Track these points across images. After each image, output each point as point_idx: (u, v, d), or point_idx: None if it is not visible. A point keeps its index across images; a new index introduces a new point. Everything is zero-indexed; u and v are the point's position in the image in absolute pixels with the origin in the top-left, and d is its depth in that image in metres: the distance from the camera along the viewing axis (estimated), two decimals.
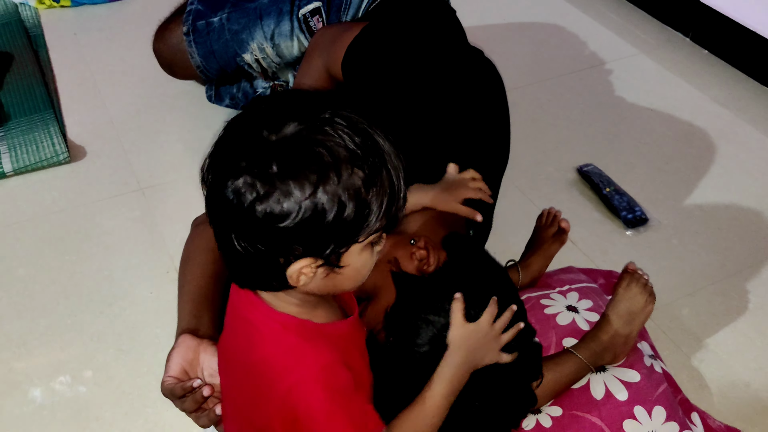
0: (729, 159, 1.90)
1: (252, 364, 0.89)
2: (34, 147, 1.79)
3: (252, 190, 0.76)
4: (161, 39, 1.83)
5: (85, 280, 1.52)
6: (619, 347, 1.20)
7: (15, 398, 1.31)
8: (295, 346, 0.86)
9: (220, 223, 0.83)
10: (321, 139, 0.77)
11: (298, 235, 0.78)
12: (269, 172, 0.76)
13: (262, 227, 0.78)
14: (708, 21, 2.27)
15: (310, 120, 0.78)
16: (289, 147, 0.76)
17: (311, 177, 0.75)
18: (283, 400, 0.85)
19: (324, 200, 0.76)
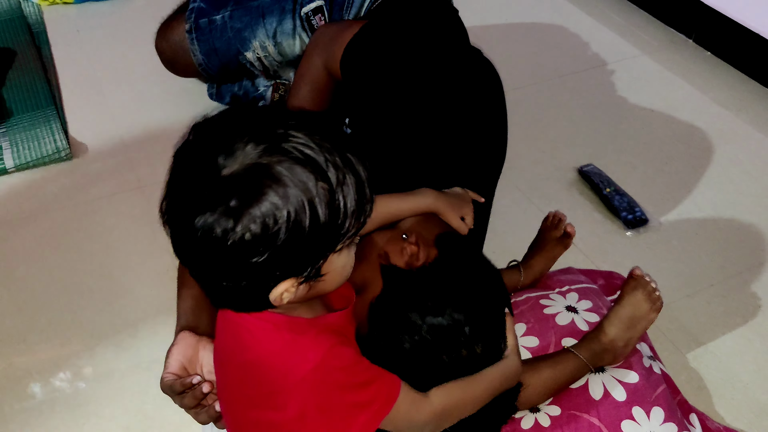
0: (729, 160, 1.90)
1: (248, 366, 0.89)
2: (35, 143, 1.79)
3: (219, 228, 0.74)
4: (163, 36, 1.84)
5: (86, 277, 1.52)
6: (618, 350, 1.20)
7: (15, 393, 1.32)
8: (291, 342, 0.85)
9: (194, 265, 0.81)
10: (279, 159, 0.74)
11: (275, 262, 0.76)
12: (232, 207, 0.73)
13: (237, 263, 0.76)
14: (711, 23, 2.27)
15: (265, 140, 0.75)
16: (248, 175, 0.73)
17: (277, 202, 0.73)
18: (293, 396, 0.85)
19: (297, 221, 0.74)
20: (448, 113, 1.32)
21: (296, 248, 0.76)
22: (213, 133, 0.78)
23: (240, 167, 0.74)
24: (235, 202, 0.73)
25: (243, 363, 0.90)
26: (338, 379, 0.85)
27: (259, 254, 0.75)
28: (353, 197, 0.78)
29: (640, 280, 1.24)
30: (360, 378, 0.87)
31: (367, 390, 0.87)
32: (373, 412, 0.88)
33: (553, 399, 1.19)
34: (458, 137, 1.33)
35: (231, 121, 0.79)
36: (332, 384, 0.85)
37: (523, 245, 1.59)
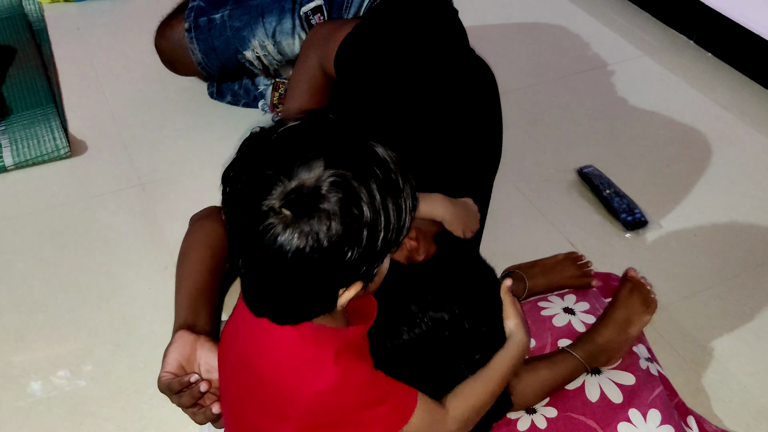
0: (730, 162, 1.90)
1: (265, 373, 0.88)
2: (35, 141, 1.79)
3: (306, 237, 0.76)
4: (163, 35, 1.83)
5: (84, 275, 1.52)
6: (613, 350, 1.21)
7: (12, 392, 1.31)
8: (312, 354, 0.85)
9: (265, 274, 0.81)
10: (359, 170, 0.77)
11: (363, 259, 0.79)
12: (320, 217, 0.75)
13: (320, 270, 0.78)
14: (712, 24, 2.27)
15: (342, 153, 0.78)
16: (331, 187, 0.76)
17: (363, 208, 0.76)
18: (308, 409, 0.85)
19: (378, 226, 0.78)
20: (441, 111, 1.32)
21: (377, 247, 0.79)
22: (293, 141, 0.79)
23: (321, 184, 0.76)
24: (327, 203, 0.76)
25: (259, 369, 0.89)
26: (354, 395, 0.86)
27: (352, 253, 0.77)
28: (411, 198, 0.82)
29: (634, 282, 1.24)
30: (375, 393, 0.88)
31: (383, 405, 0.88)
32: (389, 423, 0.88)
33: (549, 400, 1.19)
34: (452, 135, 1.33)
35: (314, 130, 0.81)
36: (348, 400, 0.86)
37: (522, 246, 1.59)
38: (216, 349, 1.13)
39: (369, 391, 0.87)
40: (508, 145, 1.45)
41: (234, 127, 1.91)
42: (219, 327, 1.23)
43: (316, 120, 0.82)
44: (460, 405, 0.96)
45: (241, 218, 0.78)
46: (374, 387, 0.88)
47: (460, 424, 0.96)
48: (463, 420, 0.97)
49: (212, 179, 1.74)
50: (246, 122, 1.91)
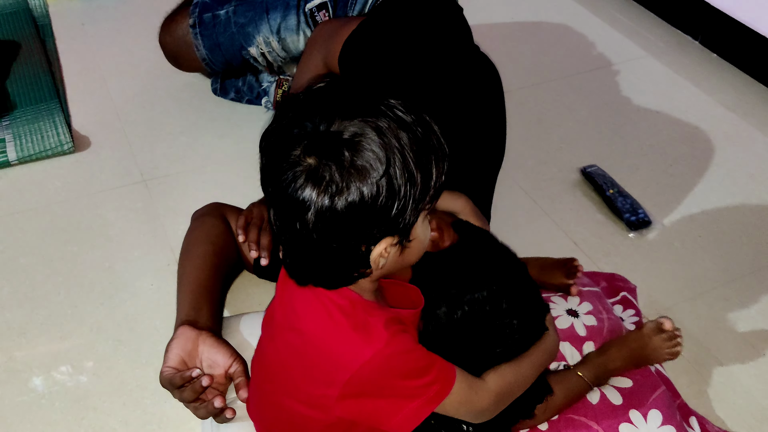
0: (734, 163, 1.89)
1: (313, 340, 0.89)
2: (38, 136, 1.79)
3: (329, 185, 0.77)
4: (167, 31, 1.83)
5: (87, 271, 1.52)
6: (620, 372, 1.23)
7: (14, 387, 1.31)
8: (360, 324, 0.87)
9: (295, 231, 0.82)
10: (381, 119, 0.79)
11: (379, 217, 0.80)
12: (342, 163, 0.77)
13: (346, 220, 0.79)
14: (718, 25, 2.26)
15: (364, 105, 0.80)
16: (351, 133, 0.78)
17: (381, 156, 0.78)
18: (355, 375, 0.86)
19: (397, 174, 0.79)
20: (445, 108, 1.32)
21: (398, 201, 0.80)
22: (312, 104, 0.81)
23: (342, 130, 0.78)
24: (347, 156, 0.77)
25: (309, 333, 0.90)
26: (399, 363, 0.87)
27: (369, 206, 0.79)
28: (440, 154, 0.84)
29: (670, 332, 1.23)
30: (420, 363, 0.89)
31: (426, 375, 0.89)
32: (430, 395, 0.90)
33: None
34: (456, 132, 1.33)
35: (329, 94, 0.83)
36: (394, 367, 0.87)
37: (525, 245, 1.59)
38: (218, 345, 1.13)
39: (414, 362, 0.89)
40: (512, 144, 1.45)
41: (237, 123, 1.91)
42: (221, 323, 1.23)
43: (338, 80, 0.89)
44: (498, 380, 0.98)
45: (271, 171, 0.81)
46: (419, 358, 0.89)
47: (496, 398, 0.98)
48: (498, 395, 0.98)
49: (215, 176, 1.75)
50: (249, 119, 1.91)
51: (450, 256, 1.07)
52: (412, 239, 0.85)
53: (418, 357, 0.89)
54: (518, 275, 1.06)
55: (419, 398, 0.89)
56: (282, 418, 1.00)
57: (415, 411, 0.89)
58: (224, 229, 1.32)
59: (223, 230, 1.32)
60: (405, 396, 0.89)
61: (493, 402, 0.97)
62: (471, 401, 0.94)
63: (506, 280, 1.02)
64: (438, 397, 0.90)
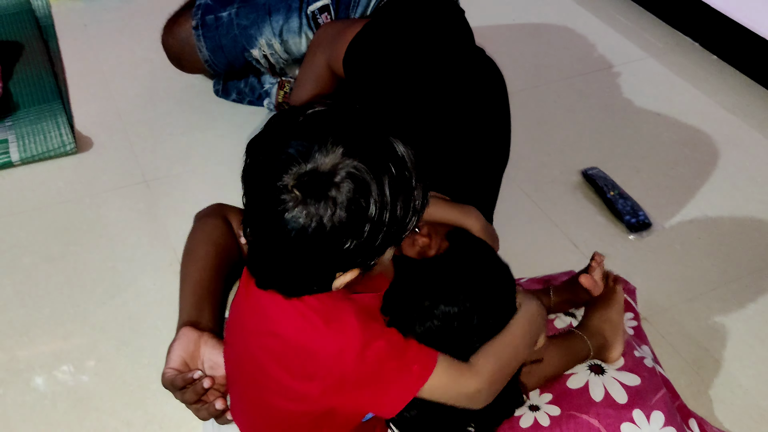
0: (734, 165, 1.90)
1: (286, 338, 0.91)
2: (41, 137, 1.80)
3: (313, 219, 0.79)
4: (170, 32, 1.84)
5: (89, 271, 1.53)
6: (606, 331, 1.25)
7: (17, 386, 1.32)
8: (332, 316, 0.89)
9: (270, 246, 0.85)
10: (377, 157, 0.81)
11: (355, 254, 0.83)
12: (329, 203, 0.79)
13: (322, 252, 0.82)
14: (718, 26, 2.27)
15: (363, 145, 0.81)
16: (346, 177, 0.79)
17: (371, 201, 0.80)
18: (334, 366, 0.88)
19: (380, 221, 0.81)
20: (450, 111, 1.32)
21: (381, 238, 0.83)
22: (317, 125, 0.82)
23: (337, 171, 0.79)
24: (337, 192, 0.79)
25: (284, 333, 0.91)
26: (377, 350, 0.89)
27: (356, 240, 0.81)
28: (422, 198, 0.86)
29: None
30: (396, 346, 0.91)
31: (404, 356, 0.91)
32: (413, 376, 0.91)
33: (553, 398, 1.20)
34: (462, 135, 1.34)
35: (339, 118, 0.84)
36: (369, 356, 0.88)
37: (525, 247, 1.60)
38: (220, 346, 1.13)
39: (390, 345, 0.90)
40: (513, 145, 1.45)
41: (239, 125, 1.91)
42: (223, 324, 1.24)
43: (342, 108, 0.86)
44: (483, 361, 0.97)
45: (256, 191, 0.84)
46: (394, 342, 0.91)
47: (487, 379, 0.97)
48: (487, 374, 0.97)
49: (217, 177, 1.76)
50: (251, 120, 1.92)
51: (432, 267, 1.07)
52: (375, 264, 0.89)
53: (393, 340, 0.91)
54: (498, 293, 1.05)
55: (401, 379, 0.90)
56: (271, 417, 1.01)
57: (400, 393, 0.91)
58: (227, 230, 1.33)
59: (226, 231, 1.32)
60: (387, 380, 0.90)
61: (485, 382, 0.97)
62: (459, 383, 0.95)
63: (482, 296, 1.02)
64: (421, 376, 0.91)
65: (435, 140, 1.31)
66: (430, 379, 0.91)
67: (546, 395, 1.20)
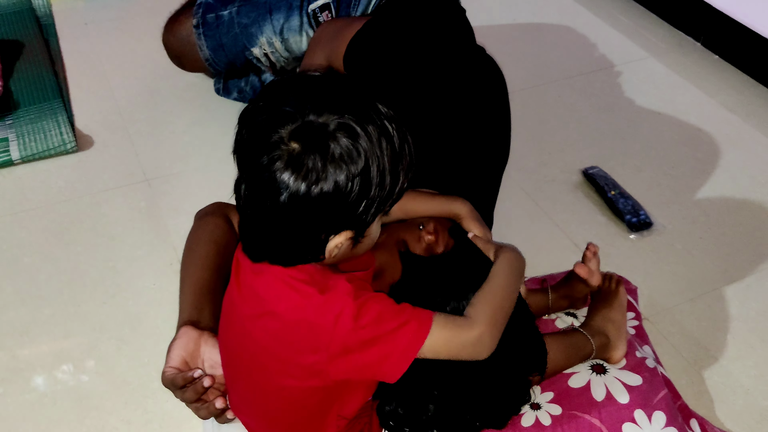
0: (736, 165, 1.90)
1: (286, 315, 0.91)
2: (42, 135, 1.80)
3: (309, 172, 0.81)
4: (171, 31, 1.84)
5: (90, 270, 1.53)
6: (608, 329, 1.25)
7: (17, 385, 1.32)
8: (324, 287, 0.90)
9: (263, 208, 0.85)
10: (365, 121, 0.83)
11: (346, 210, 0.84)
12: (325, 154, 0.81)
13: (316, 207, 0.83)
14: (719, 26, 2.26)
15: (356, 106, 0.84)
16: (337, 129, 0.81)
17: (361, 155, 0.82)
18: (335, 334, 0.89)
19: (373, 174, 0.83)
20: (451, 109, 1.32)
21: (368, 199, 0.85)
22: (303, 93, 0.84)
23: (330, 123, 0.82)
24: (333, 149, 0.81)
25: (282, 312, 0.92)
26: (370, 311, 0.90)
27: (340, 198, 0.83)
28: (407, 162, 0.88)
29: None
30: (390, 307, 0.92)
31: (401, 315, 0.92)
32: (412, 331, 0.91)
33: (554, 397, 1.20)
34: (462, 133, 1.34)
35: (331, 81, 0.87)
36: (366, 317, 0.89)
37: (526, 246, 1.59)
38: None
39: (384, 304, 0.91)
40: (513, 145, 1.45)
41: None
42: None
43: (333, 74, 0.90)
44: (476, 308, 0.97)
45: (250, 150, 0.84)
46: (387, 303, 0.92)
47: (484, 323, 0.96)
48: (485, 319, 0.96)
49: (218, 175, 1.76)
50: None
51: (442, 263, 1.08)
52: (365, 236, 0.90)
53: (385, 302, 0.92)
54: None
55: (401, 339, 0.91)
56: (281, 400, 1.01)
57: (402, 353, 0.91)
58: (227, 229, 1.32)
59: (227, 230, 1.32)
60: (387, 341, 0.90)
61: (486, 326, 0.96)
62: (460, 334, 0.94)
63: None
64: (419, 334, 0.91)
65: (435, 139, 1.31)
66: (431, 335, 0.92)
67: (547, 394, 1.20)
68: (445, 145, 1.32)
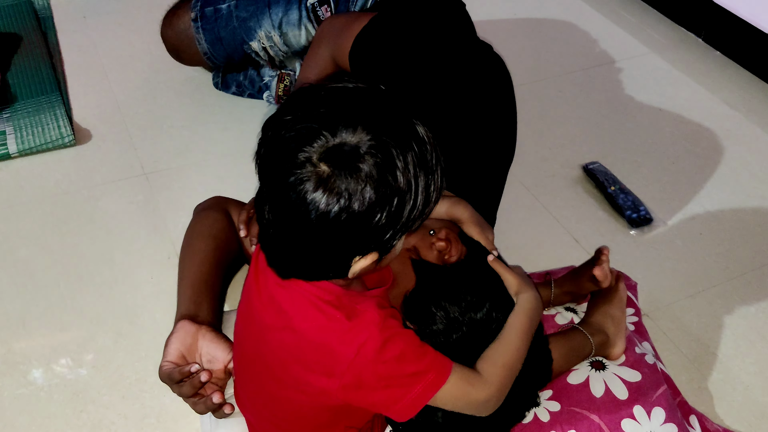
0: (736, 161, 1.89)
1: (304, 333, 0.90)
2: (39, 129, 1.79)
3: (338, 196, 0.77)
4: (169, 24, 1.83)
5: (87, 263, 1.52)
6: (608, 327, 1.25)
7: (13, 379, 1.31)
8: (351, 314, 0.88)
9: (288, 228, 0.82)
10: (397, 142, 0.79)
11: (377, 234, 0.81)
12: (357, 177, 0.77)
13: (345, 230, 0.79)
14: (721, 22, 2.26)
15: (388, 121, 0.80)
16: (371, 150, 0.77)
17: (395, 177, 0.78)
18: (352, 365, 0.87)
19: (406, 199, 0.80)
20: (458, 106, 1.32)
21: (400, 221, 0.82)
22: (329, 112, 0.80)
23: (362, 145, 0.78)
24: (366, 171, 0.77)
25: (303, 329, 0.90)
26: (394, 348, 0.88)
27: (376, 220, 0.79)
28: (440, 183, 0.85)
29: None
30: (414, 348, 0.90)
31: (422, 360, 0.90)
32: (428, 382, 0.90)
33: (553, 394, 1.19)
34: (468, 130, 1.33)
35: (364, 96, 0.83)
36: (389, 353, 0.88)
37: (526, 241, 1.59)
38: (217, 340, 1.13)
39: (408, 344, 0.90)
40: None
41: (238, 117, 1.90)
42: (221, 318, 1.23)
43: (366, 87, 0.84)
44: (490, 368, 0.97)
45: (276, 167, 0.80)
46: (413, 341, 0.91)
47: (495, 387, 0.97)
48: (496, 382, 0.97)
49: (216, 169, 1.75)
50: (250, 113, 1.91)
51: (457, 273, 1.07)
52: (391, 250, 0.87)
53: (411, 341, 0.91)
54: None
55: (416, 386, 0.90)
56: (287, 411, 1.00)
57: (413, 400, 0.90)
58: (226, 223, 1.32)
59: (225, 225, 1.32)
60: (402, 385, 0.89)
61: (494, 392, 0.97)
62: (469, 394, 0.94)
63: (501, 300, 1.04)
64: (434, 385, 0.90)
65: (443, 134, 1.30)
66: (442, 389, 0.91)
67: (546, 391, 1.20)
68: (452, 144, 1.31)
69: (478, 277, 1.06)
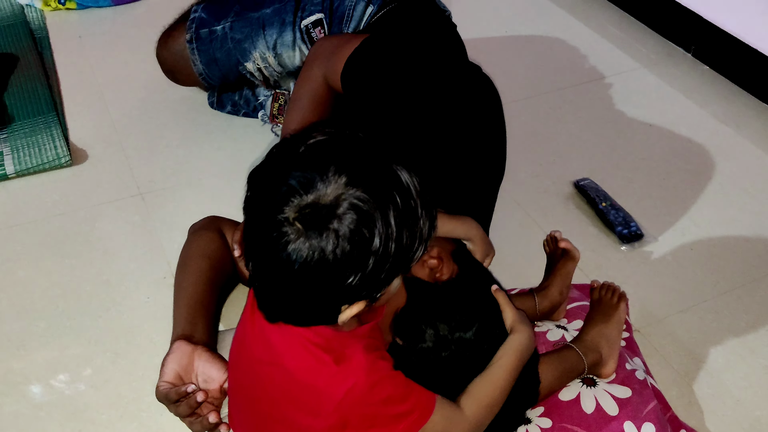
0: (727, 176, 1.91)
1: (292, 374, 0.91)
2: (36, 149, 1.80)
3: (315, 253, 0.78)
4: (164, 45, 1.85)
5: (84, 284, 1.53)
6: (601, 347, 1.26)
7: (12, 398, 1.32)
8: (338, 357, 0.89)
9: (272, 281, 0.83)
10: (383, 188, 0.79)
11: (359, 287, 0.81)
12: (334, 236, 0.77)
13: (325, 284, 0.80)
14: (709, 37, 2.28)
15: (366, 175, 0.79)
16: (348, 208, 0.77)
17: (374, 233, 0.78)
18: (338, 407, 0.89)
19: (384, 254, 0.79)
20: (448, 126, 1.33)
21: (386, 271, 0.81)
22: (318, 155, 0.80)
23: (340, 202, 0.77)
24: (339, 224, 0.77)
25: (291, 368, 0.91)
26: (380, 392, 0.89)
27: (360, 273, 0.79)
28: (428, 227, 0.84)
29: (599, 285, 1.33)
30: (399, 389, 0.92)
31: (407, 401, 0.92)
32: (411, 421, 0.92)
33: (544, 410, 1.21)
34: (459, 150, 1.35)
35: (341, 147, 0.82)
36: (375, 397, 0.89)
37: (518, 257, 1.61)
38: (213, 360, 1.14)
39: (394, 387, 0.91)
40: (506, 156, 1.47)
41: (234, 137, 1.92)
42: (217, 338, 1.25)
43: (344, 136, 0.84)
44: (473, 405, 1.00)
45: (258, 224, 0.81)
46: (398, 384, 0.92)
47: (475, 423, 1.00)
48: (477, 419, 1.00)
49: (212, 189, 1.77)
50: (246, 132, 1.93)
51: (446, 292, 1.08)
52: (381, 296, 0.87)
53: (397, 383, 0.92)
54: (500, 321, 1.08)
55: (399, 425, 0.91)
56: None
57: None
58: (221, 243, 1.33)
59: (220, 245, 1.33)
60: (386, 424, 0.91)
61: (474, 427, 1.00)
62: (450, 429, 0.97)
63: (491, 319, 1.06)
64: (417, 424, 0.92)
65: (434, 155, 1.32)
66: (424, 427, 0.93)
67: (537, 408, 1.21)
68: (444, 163, 1.33)
69: (468, 296, 1.08)
